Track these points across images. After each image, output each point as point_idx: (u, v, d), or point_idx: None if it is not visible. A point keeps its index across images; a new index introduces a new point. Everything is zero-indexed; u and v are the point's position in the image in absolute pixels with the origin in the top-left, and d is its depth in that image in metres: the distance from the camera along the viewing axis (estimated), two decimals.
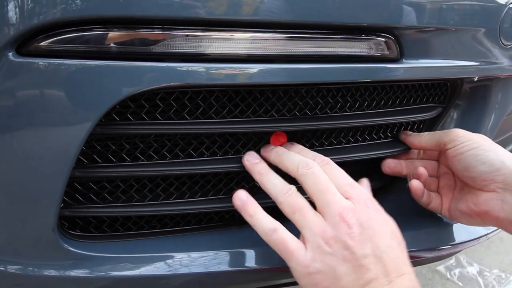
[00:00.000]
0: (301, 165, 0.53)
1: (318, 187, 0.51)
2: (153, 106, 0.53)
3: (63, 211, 0.53)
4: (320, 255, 0.49)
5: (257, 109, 0.58)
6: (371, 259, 0.48)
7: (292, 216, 0.52)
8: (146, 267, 0.56)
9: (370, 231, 0.49)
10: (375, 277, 0.47)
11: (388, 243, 0.49)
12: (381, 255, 0.48)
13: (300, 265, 0.50)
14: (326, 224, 0.49)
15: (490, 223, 0.60)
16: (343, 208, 0.50)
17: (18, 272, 0.53)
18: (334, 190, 0.51)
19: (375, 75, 0.58)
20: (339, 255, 0.48)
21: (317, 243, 0.49)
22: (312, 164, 0.53)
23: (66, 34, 0.45)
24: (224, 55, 0.50)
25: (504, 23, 0.65)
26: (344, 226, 0.49)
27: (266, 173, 0.55)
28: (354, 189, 0.52)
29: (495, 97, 0.75)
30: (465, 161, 0.60)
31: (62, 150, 0.48)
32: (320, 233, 0.49)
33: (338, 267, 0.48)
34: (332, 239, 0.49)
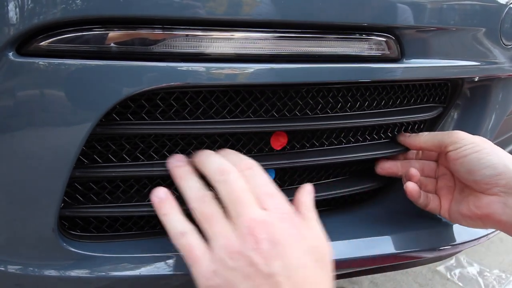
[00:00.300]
0: (218, 171, 0.50)
1: (231, 196, 0.48)
2: (154, 106, 0.53)
3: (63, 211, 0.53)
4: (222, 269, 0.45)
5: (258, 109, 0.58)
6: (280, 278, 0.44)
7: (201, 224, 0.49)
8: (147, 267, 0.56)
9: (281, 248, 0.45)
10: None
11: (300, 261, 0.46)
12: (291, 274, 0.44)
13: (201, 275, 0.47)
14: (233, 237, 0.46)
15: (491, 226, 0.60)
16: (254, 220, 0.46)
17: (19, 272, 0.53)
18: (248, 200, 0.48)
19: (375, 75, 0.58)
20: (242, 272, 0.45)
21: (221, 256, 0.46)
22: (229, 170, 0.49)
23: (66, 34, 0.45)
24: (224, 55, 0.50)
25: (505, 23, 0.65)
26: (251, 241, 0.45)
27: (185, 177, 0.52)
28: (273, 199, 0.49)
29: (496, 97, 0.75)
30: (468, 164, 0.59)
31: (62, 150, 0.48)
32: (226, 245, 0.46)
33: (239, 285, 0.44)
34: (237, 253, 0.45)
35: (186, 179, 0.51)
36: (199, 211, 0.49)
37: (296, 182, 0.67)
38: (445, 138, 0.63)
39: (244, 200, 0.48)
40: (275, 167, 0.63)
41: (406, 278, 1.28)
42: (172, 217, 0.50)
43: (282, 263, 0.45)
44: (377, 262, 0.67)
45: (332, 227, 0.67)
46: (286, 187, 0.67)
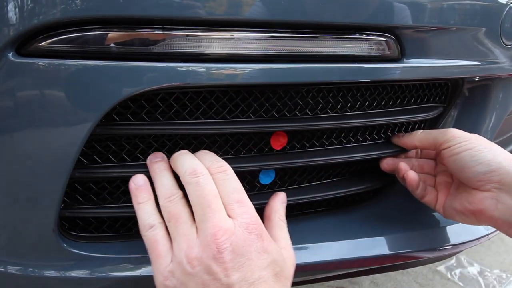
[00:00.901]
0: (188, 172, 0.49)
1: (200, 199, 0.47)
2: (154, 107, 0.53)
3: (63, 211, 0.53)
4: (179, 272, 0.45)
5: (258, 109, 0.58)
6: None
7: (167, 223, 0.48)
8: (147, 268, 0.55)
9: (242, 260, 0.45)
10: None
11: (260, 274, 0.45)
12: (249, 286, 0.44)
13: (159, 273, 0.47)
14: (196, 242, 0.45)
15: (484, 222, 0.60)
16: (220, 228, 0.45)
17: (19, 273, 0.53)
18: (216, 206, 0.47)
19: (375, 75, 0.58)
20: (199, 279, 0.44)
21: (180, 259, 0.45)
22: (201, 171, 0.48)
23: (66, 34, 0.45)
24: (224, 55, 0.50)
25: (505, 23, 0.65)
26: (214, 249, 0.44)
27: (160, 172, 0.51)
28: (242, 208, 0.48)
29: (496, 97, 0.75)
30: (461, 161, 0.59)
31: (62, 151, 0.48)
32: (186, 249, 0.45)
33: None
34: (196, 260, 0.45)
35: (160, 175, 0.51)
36: (167, 210, 0.49)
37: (296, 182, 0.67)
38: (439, 136, 0.63)
39: (212, 205, 0.47)
40: (275, 167, 0.62)
41: (407, 278, 1.28)
42: (145, 207, 0.50)
43: (241, 275, 0.44)
44: (378, 262, 0.66)
45: (332, 227, 0.67)
46: (286, 188, 0.66)
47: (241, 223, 0.47)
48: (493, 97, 0.75)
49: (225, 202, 0.48)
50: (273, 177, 0.64)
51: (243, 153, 0.60)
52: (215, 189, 0.48)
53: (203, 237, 0.45)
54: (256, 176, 0.63)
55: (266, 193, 0.63)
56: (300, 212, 0.69)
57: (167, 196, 0.49)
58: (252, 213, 0.49)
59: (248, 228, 0.47)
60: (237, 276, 0.44)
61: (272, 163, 0.60)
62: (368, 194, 0.75)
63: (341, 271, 0.67)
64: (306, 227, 0.66)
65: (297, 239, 0.61)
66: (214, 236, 0.45)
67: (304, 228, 0.66)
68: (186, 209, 0.48)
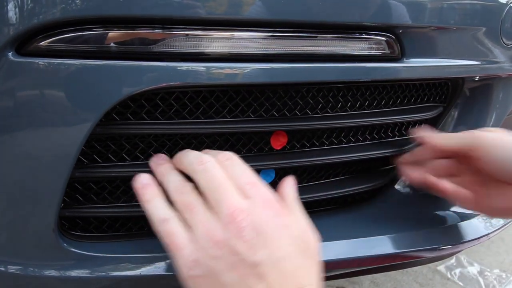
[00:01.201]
0: (194, 162, 0.48)
1: (211, 184, 0.46)
2: (153, 106, 0.53)
3: (63, 211, 0.53)
4: (205, 259, 0.44)
5: (258, 109, 0.58)
6: (264, 268, 0.42)
7: (183, 214, 0.47)
8: (147, 267, 0.55)
9: (265, 236, 0.44)
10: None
11: (286, 250, 0.44)
12: (276, 263, 0.43)
13: (183, 265, 0.45)
14: (216, 226, 0.44)
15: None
16: (236, 208, 0.44)
17: (19, 273, 0.53)
18: (228, 187, 0.46)
19: (376, 75, 0.58)
20: (225, 261, 0.43)
21: (203, 245, 0.44)
22: (207, 159, 0.48)
23: (66, 33, 0.45)
24: (224, 54, 0.50)
25: (505, 23, 0.65)
26: (234, 229, 0.43)
27: (167, 173, 0.51)
28: (255, 188, 0.47)
29: (496, 97, 0.75)
30: (503, 164, 0.57)
31: (62, 150, 0.48)
32: (208, 234, 0.44)
33: (223, 274, 0.43)
34: (220, 243, 0.43)
35: (167, 175, 0.50)
36: (180, 202, 0.48)
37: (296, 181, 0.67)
38: (472, 141, 0.60)
39: (224, 187, 0.46)
40: (275, 167, 0.62)
41: (407, 278, 1.28)
42: (154, 203, 0.49)
43: (267, 252, 0.43)
44: (377, 262, 0.66)
45: (332, 227, 0.67)
46: None
47: (256, 202, 0.46)
48: (494, 97, 0.75)
49: (236, 185, 0.47)
50: (273, 177, 0.64)
51: (243, 153, 0.60)
52: (223, 173, 0.47)
53: (221, 220, 0.44)
54: None
55: None
56: None
57: (178, 190, 0.48)
58: (265, 191, 0.48)
59: (264, 206, 0.46)
60: (263, 253, 0.43)
61: (272, 163, 0.60)
62: (368, 194, 0.74)
63: (340, 271, 0.67)
64: None
65: None
66: (231, 216, 0.44)
67: None
68: (200, 197, 0.48)
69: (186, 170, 0.50)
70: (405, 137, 0.72)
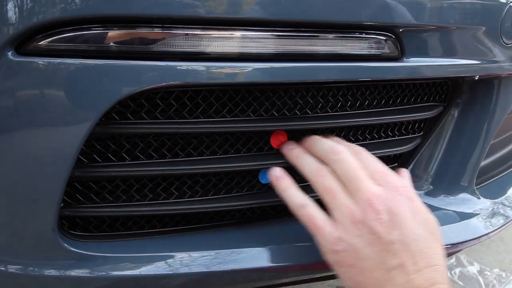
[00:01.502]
0: (331, 151, 0.54)
1: (348, 173, 0.52)
2: (153, 105, 0.53)
3: (63, 210, 0.53)
4: (347, 236, 0.50)
5: (257, 108, 0.58)
6: (398, 246, 0.49)
7: (323, 196, 0.53)
8: (147, 267, 0.55)
9: (399, 218, 0.50)
10: (401, 263, 0.48)
11: (418, 232, 0.50)
12: (409, 243, 0.49)
13: (327, 242, 0.52)
14: (355, 209, 0.50)
15: None
16: (373, 194, 0.50)
17: (19, 272, 0.53)
18: (364, 176, 0.52)
19: (375, 74, 0.58)
20: (365, 239, 0.49)
21: (346, 225, 0.50)
22: (342, 149, 0.54)
23: (65, 33, 0.45)
24: (224, 53, 0.50)
25: (505, 22, 0.65)
26: (372, 212, 0.50)
27: (302, 156, 0.57)
28: (387, 176, 0.53)
29: (496, 96, 0.75)
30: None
31: (62, 150, 0.47)
32: (350, 215, 0.50)
33: (363, 249, 0.49)
34: (360, 223, 0.50)
35: (302, 158, 0.57)
36: (321, 185, 0.54)
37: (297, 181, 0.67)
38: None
39: (360, 176, 0.52)
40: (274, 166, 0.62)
41: None
42: (291, 191, 0.56)
43: (401, 232, 0.49)
44: None
45: None
46: None
47: (389, 188, 0.52)
48: (493, 96, 0.75)
49: (369, 174, 0.53)
50: None
51: (243, 152, 0.60)
52: (358, 163, 0.53)
53: (360, 203, 0.51)
54: (255, 176, 0.63)
55: (266, 193, 0.63)
56: None
57: (317, 172, 0.54)
58: (398, 179, 0.54)
59: (398, 191, 0.52)
60: (397, 233, 0.49)
61: (272, 162, 0.60)
62: None
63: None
64: None
65: (299, 238, 0.61)
66: (369, 202, 0.50)
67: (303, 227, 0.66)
68: (338, 181, 0.53)
69: (321, 157, 0.56)
70: (405, 137, 0.72)
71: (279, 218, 0.66)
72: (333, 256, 0.52)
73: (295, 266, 0.61)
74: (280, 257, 0.60)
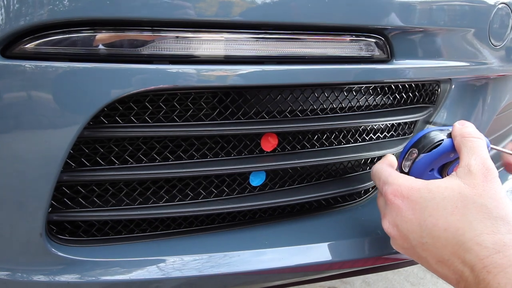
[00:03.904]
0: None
1: None
2: (142, 109, 0.53)
3: (51, 215, 0.53)
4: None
5: (248, 111, 0.58)
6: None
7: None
8: (138, 271, 0.55)
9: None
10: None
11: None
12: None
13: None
14: None
15: None
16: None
17: (7, 278, 0.52)
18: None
19: (365, 76, 0.58)
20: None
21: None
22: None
23: (53, 36, 0.44)
24: (214, 56, 0.50)
25: (494, 24, 0.65)
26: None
27: None
28: None
29: (486, 97, 0.76)
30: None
31: (49, 154, 0.47)
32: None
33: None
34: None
35: None
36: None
37: (287, 183, 0.67)
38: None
39: None
40: (265, 169, 0.62)
41: (398, 277, 1.29)
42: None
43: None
44: (369, 263, 0.67)
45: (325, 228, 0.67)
46: (277, 189, 0.66)
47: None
48: (482, 97, 0.75)
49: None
50: (263, 179, 0.64)
51: (233, 155, 0.60)
52: None
53: None
54: (246, 178, 0.63)
55: (257, 195, 0.63)
56: (293, 213, 0.69)
57: None
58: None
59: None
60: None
61: (263, 165, 0.60)
62: (360, 195, 0.75)
63: (333, 272, 0.67)
64: (299, 228, 0.66)
65: (290, 241, 0.61)
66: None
67: (297, 229, 0.66)
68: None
69: None
70: (395, 138, 0.73)
71: (270, 220, 0.66)
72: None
73: (286, 268, 0.61)
74: (272, 259, 0.60)
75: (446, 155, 0.55)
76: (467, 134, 0.53)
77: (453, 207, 0.48)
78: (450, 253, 0.47)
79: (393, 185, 0.52)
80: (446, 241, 0.47)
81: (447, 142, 0.54)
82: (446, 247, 0.47)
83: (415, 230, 0.49)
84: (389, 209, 0.52)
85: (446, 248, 0.47)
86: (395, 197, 0.51)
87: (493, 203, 0.47)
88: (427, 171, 0.56)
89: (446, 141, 0.55)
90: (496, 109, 0.79)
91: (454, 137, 0.54)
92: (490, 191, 0.48)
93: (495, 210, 0.46)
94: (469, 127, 0.54)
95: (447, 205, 0.48)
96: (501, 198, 0.48)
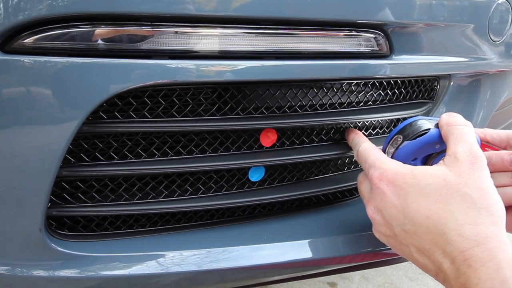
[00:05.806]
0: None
1: None
2: (141, 104, 0.53)
3: (50, 210, 0.53)
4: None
5: (247, 106, 0.58)
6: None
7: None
8: (137, 266, 0.55)
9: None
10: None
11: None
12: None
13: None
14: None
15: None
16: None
17: (7, 273, 0.52)
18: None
19: (364, 72, 0.58)
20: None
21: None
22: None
23: (51, 31, 0.44)
24: (213, 51, 0.50)
25: (493, 19, 0.65)
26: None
27: None
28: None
29: (484, 93, 0.76)
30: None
31: (48, 149, 0.47)
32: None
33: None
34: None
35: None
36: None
37: (286, 179, 0.67)
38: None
39: None
40: (264, 164, 0.62)
41: (397, 273, 1.29)
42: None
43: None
44: (368, 258, 0.67)
45: (324, 224, 0.67)
46: (276, 185, 0.66)
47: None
48: (481, 93, 0.75)
49: None
50: (263, 174, 0.64)
51: (233, 151, 0.60)
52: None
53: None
54: (245, 174, 0.63)
55: (256, 191, 0.63)
56: (292, 208, 0.69)
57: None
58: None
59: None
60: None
61: (262, 160, 0.60)
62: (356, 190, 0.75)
63: (332, 267, 0.68)
64: (298, 223, 0.67)
65: (290, 236, 0.62)
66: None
67: (296, 225, 0.66)
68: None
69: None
70: None
71: (269, 216, 0.66)
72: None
73: (286, 263, 0.61)
74: (271, 255, 0.60)
75: (431, 145, 0.54)
76: (454, 122, 0.51)
77: (437, 195, 0.46)
78: (431, 243, 0.45)
79: (380, 169, 0.50)
80: (428, 229, 0.45)
81: (434, 131, 0.53)
82: (427, 236, 0.45)
83: (398, 217, 0.48)
84: (374, 194, 0.50)
85: (427, 237, 0.46)
86: (381, 181, 0.49)
87: (478, 193, 0.45)
88: (410, 159, 0.55)
89: (432, 131, 0.53)
90: (495, 104, 0.80)
91: (441, 127, 0.52)
92: (476, 180, 0.46)
93: (480, 200, 0.45)
94: (456, 116, 0.52)
95: (431, 193, 0.46)
96: (487, 187, 0.46)
